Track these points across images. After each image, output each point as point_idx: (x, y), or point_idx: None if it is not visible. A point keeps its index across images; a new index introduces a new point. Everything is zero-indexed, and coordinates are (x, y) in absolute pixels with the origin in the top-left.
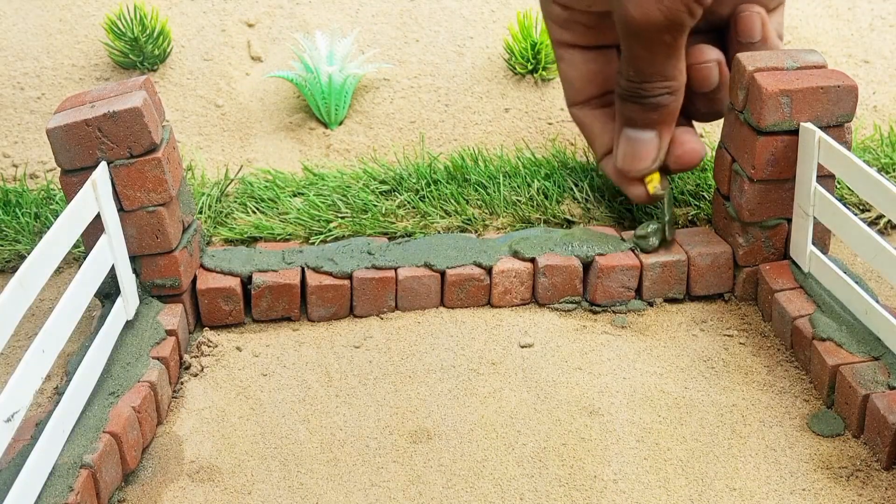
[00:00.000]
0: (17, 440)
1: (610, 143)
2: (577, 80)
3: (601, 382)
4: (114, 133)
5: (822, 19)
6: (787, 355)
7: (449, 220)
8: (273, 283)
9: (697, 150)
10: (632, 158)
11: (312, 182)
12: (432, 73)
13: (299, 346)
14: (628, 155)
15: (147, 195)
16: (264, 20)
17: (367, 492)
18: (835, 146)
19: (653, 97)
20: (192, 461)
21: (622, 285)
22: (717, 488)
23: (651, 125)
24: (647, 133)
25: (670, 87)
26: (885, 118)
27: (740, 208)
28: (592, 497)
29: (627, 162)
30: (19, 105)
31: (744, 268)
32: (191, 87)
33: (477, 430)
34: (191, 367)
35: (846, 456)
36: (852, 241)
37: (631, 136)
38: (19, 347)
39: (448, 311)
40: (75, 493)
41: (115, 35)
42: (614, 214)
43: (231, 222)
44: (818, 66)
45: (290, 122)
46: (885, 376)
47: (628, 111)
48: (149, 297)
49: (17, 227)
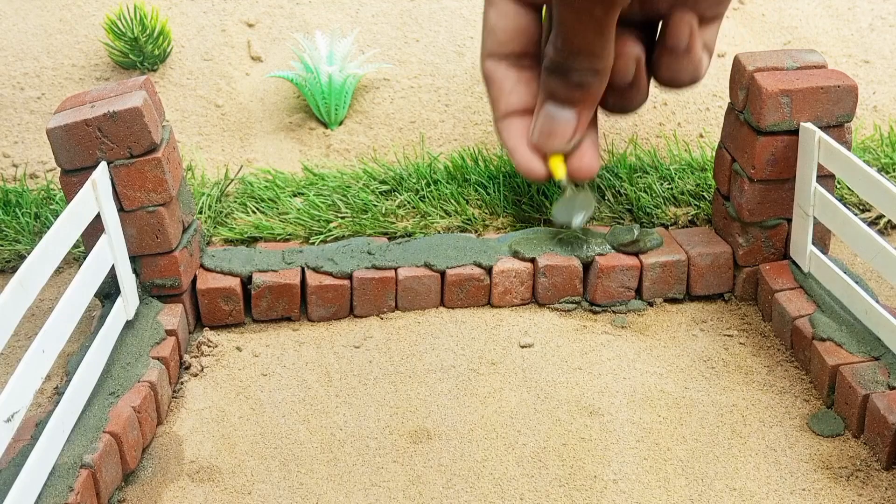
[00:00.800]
0: (17, 440)
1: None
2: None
3: (601, 382)
4: (114, 133)
5: (822, 19)
6: (787, 355)
7: (449, 220)
8: (273, 283)
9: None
10: (548, 135)
11: (312, 182)
12: (432, 73)
13: (299, 346)
14: (545, 131)
15: (147, 195)
16: (264, 20)
17: (367, 492)
18: (835, 146)
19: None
20: (192, 461)
21: (622, 285)
22: (717, 488)
23: (572, 103)
24: (567, 112)
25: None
26: (885, 118)
27: (740, 208)
28: (592, 497)
29: (543, 137)
30: (19, 105)
31: (744, 268)
32: (191, 87)
33: (477, 430)
34: (191, 367)
35: (846, 456)
36: (852, 241)
37: (551, 112)
38: (19, 347)
39: (448, 311)
40: (75, 493)
41: (115, 35)
42: (614, 214)
43: (231, 222)
44: (818, 66)
45: (290, 122)
46: (885, 376)
47: (552, 85)
48: (149, 297)
49: (17, 227)
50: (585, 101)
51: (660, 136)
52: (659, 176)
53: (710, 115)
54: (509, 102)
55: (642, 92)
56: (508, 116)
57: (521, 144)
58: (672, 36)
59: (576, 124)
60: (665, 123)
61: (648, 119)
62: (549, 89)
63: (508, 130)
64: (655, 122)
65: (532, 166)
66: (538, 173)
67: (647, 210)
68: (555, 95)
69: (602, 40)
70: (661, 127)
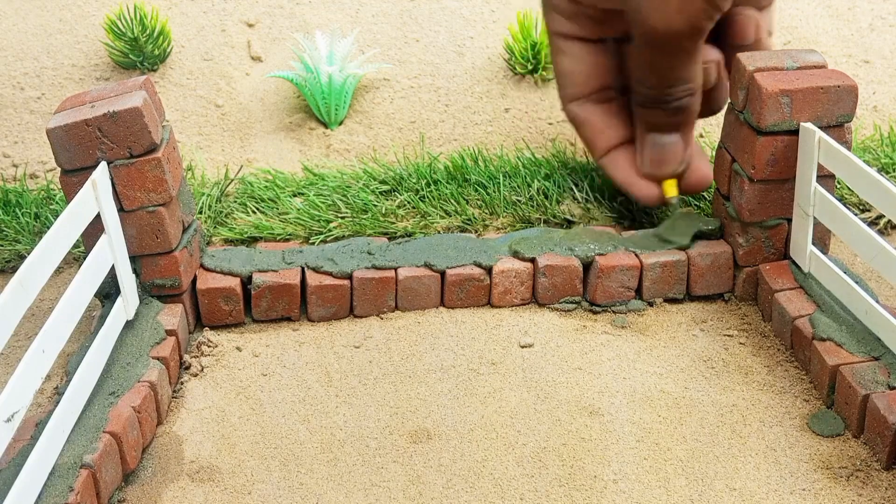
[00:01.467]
0: (17, 440)
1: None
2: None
3: (601, 382)
4: (114, 133)
5: (822, 19)
6: (787, 355)
7: (449, 220)
8: (273, 283)
9: (708, 178)
10: (660, 163)
11: (312, 182)
12: (432, 73)
13: (299, 346)
14: (656, 159)
15: (147, 195)
16: (264, 20)
17: (367, 492)
18: (835, 146)
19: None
20: (192, 461)
21: (622, 285)
22: (717, 488)
23: (675, 128)
24: (672, 136)
25: (692, 90)
26: (885, 118)
27: (740, 208)
28: (592, 497)
29: (656, 166)
30: (19, 105)
31: (744, 268)
32: (191, 87)
33: (477, 430)
34: (191, 367)
35: (846, 456)
36: (852, 241)
37: (657, 141)
38: (19, 347)
39: (448, 311)
40: (75, 493)
41: (115, 35)
42: (614, 214)
43: (231, 222)
44: (818, 66)
45: (290, 122)
46: (885, 376)
47: (651, 117)
48: (149, 297)
49: (17, 227)
50: (687, 123)
51: None
52: None
53: None
54: (608, 139)
55: (726, 89)
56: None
57: (632, 174)
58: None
59: (683, 146)
60: None
61: None
62: (650, 121)
63: (615, 165)
64: None
65: (650, 193)
66: (656, 199)
67: (647, 210)
68: (656, 126)
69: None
70: None
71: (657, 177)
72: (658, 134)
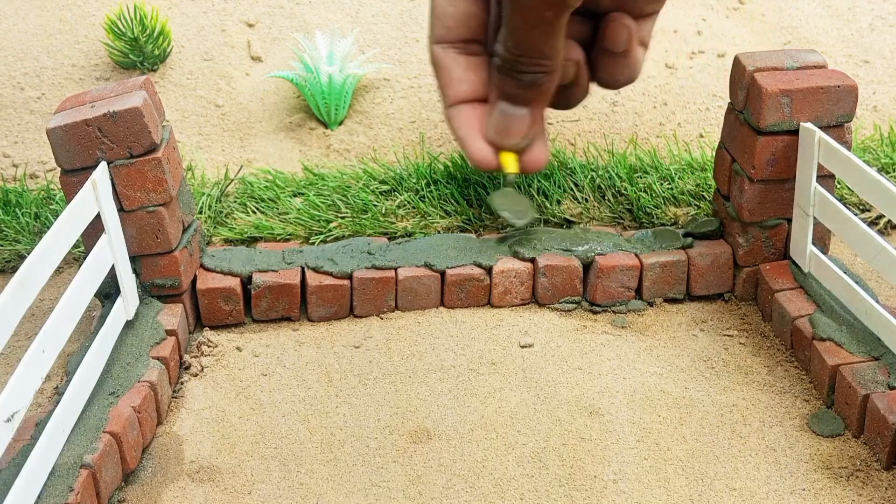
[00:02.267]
0: (17, 440)
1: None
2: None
3: (601, 382)
4: (114, 133)
5: (822, 19)
6: (787, 355)
7: (449, 220)
8: (273, 283)
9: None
10: (504, 132)
11: (312, 182)
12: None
13: (299, 346)
14: (500, 128)
15: (147, 195)
16: (264, 20)
17: (367, 492)
18: (835, 146)
19: (529, 74)
20: (192, 461)
21: (622, 285)
22: (717, 488)
23: (525, 102)
24: (521, 110)
25: (546, 67)
26: (885, 118)
27: (740, 208)
28: (592, 497)
29: (499, 135)
30: (19, 105)
31: (744, 268)
32: (191, 87)
33: (477, 430)
34: (191, 367)
35: (846, 456)
36: (852, 241)
37: (505, 110)
38: (19, 347)
39: (448, 311)
40: (75, 493)
41: (115, 35)
42: (614, 214)
43: (231, 222)
44: (818, 66)
45: (290, 122)
46: (885, 376)
47: (504, 85)
48: (149, 297)
49: (17, 227)
50: (538, 100)
51: (660, 136)
52: (659, 176)
53: (710, 115)
54: (458, 91)
55: (583, 89)
56: (458, 104)
57: (472, 134)
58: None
59: (530, 122)
60: (665, 123)
61: (648, 119)
62: (502, 88)
63: (458, 119)
64: (655, 122)
65: (485, 157)
66: (490, 165)
67: (647, 210)
68: (508, 94)
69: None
70: (661, 127)
71: (498, 145)
72: (508, 104)
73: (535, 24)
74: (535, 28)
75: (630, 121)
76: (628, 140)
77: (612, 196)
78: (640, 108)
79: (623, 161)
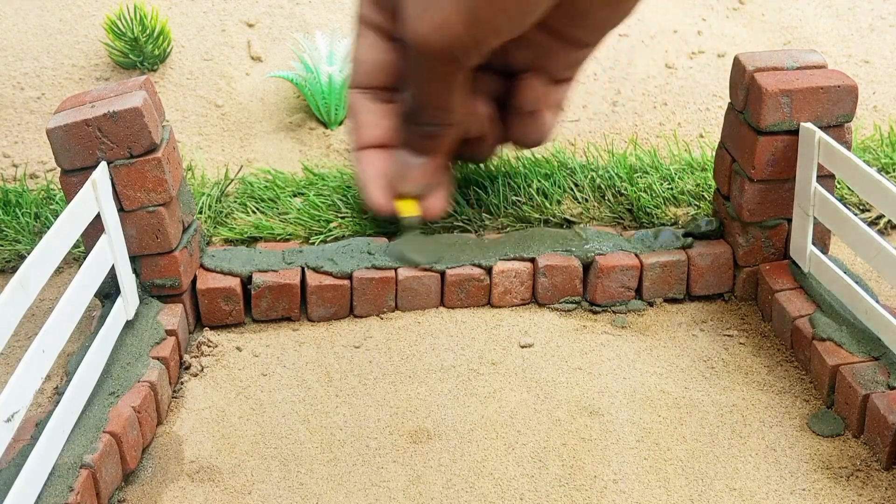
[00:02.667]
0: (17, 440)
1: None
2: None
3: (601, 382)
4: (114, 133)
5: (822, 19)
6: (787, 355)
7: (449, 220)
8: (273, 283)
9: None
10: (400, 179)
11: (312, 182)
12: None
13: (299, 346)
14: (398, 175)
15: (147, 195)
16: (264, 20)
17: (367, 492)
18: (835, 146)
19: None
20: (192, 461)
21: (622, 285)
22: (717, 488)
23: (423, 151)
24: (418, 159)
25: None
26: (885, 118)
27: (740, 208)
28: (592, 497)
29: (396, 180)
30: (19, 105)
31: (744, 268)
32: (191, 87)
33: (477, 430)
34: (191, 367)
35: (846, 456)
36: (852, 241)
37: (404, 158)
38: (19, 347)
39: (448, 311)
40: (75, 493)
41: (115, 35)
42: (614, 214)
43: (231, 222)
44: (818, 66)
45: (290, 122)
46: (885, 376)
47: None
48: (149, 297)
49: (17, 227)
50: (435, 150)
51: (660, 136)
52: (659, 176)
53: (710, 115)
54: (367, 136)
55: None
56: (365, 149)
57: (373, 179)
58: (520, 99)
59: (426, 170)
60: (665, 123)
61: (648, 119)
62: (404, 137)
63: (364, 163)
64: (655, 122)
65: (380, 203)
66: (384, 210)
67: (647, 210)
68: (408, 143)
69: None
70: (661, 127)
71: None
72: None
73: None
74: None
75: (630, 121)
76: (628, 140)
77: (612, 196)
78: (640, 108)
79: (623, 161)
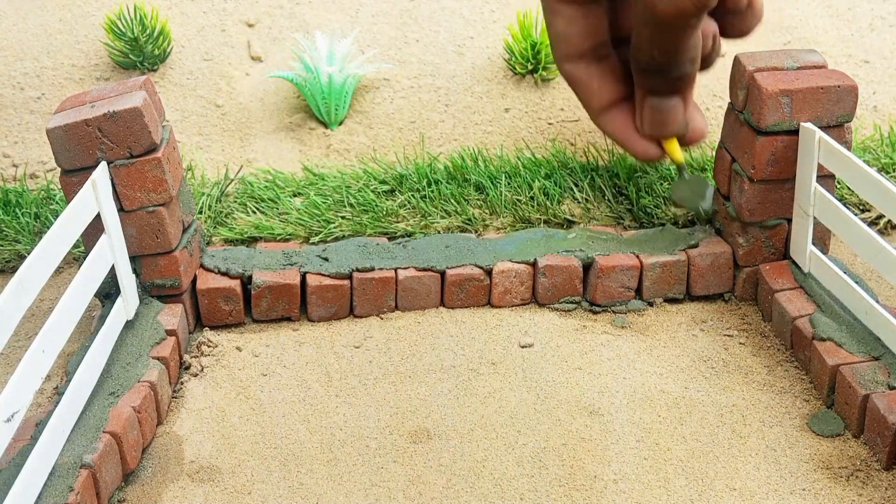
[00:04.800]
0: (17, 440)
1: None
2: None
3: (601, 382)
4: (114, 133)
5: (822, 19)
6: (787, 355)
7: (449, 220)
8: (273, 283)
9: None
10: (661, 124)
11: (312, 182)
12: (432, 73)
13: (299, 346)
14: (657, 122)
15: (147, 195)
16: (264, 20)
17: (367, 492)
18: (835, 146)
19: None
20: (192, 461)
21: (622, 285)
22: (717, 488)
23: (676, 92)
24: (673, 100)
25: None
26: (885, 118)
27: (740, 208)
28: (592, 497)
29: (657, 128)
30: (19, 105)
31: (744, 268)
32: (191, 87)
33: (477, 430)
34: (191, 367)
35: (846, 456)
36: (852, 241)
37: (657, 104)
38: (19, 347)
39: (448, 311)
40: (75, 493)
41: (115, 35)
42: (614, 214)
43: (231, 222)
44: (818, 66)
45: (290, 122)
46: (885, 376)
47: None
48: (149, 297)
49: (17, 227)
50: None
51: None
52: (659, 176)
53: (710, 115)
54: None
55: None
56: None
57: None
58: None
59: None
60: None
61: None
62: (651, 86)
63: (613, 123)
64: None
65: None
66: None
67: (647, 210)
68: (658, 90)
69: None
70: None
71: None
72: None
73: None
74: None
75: None
76: None
77: (612, 196)
78: None
79: (623, 161)
